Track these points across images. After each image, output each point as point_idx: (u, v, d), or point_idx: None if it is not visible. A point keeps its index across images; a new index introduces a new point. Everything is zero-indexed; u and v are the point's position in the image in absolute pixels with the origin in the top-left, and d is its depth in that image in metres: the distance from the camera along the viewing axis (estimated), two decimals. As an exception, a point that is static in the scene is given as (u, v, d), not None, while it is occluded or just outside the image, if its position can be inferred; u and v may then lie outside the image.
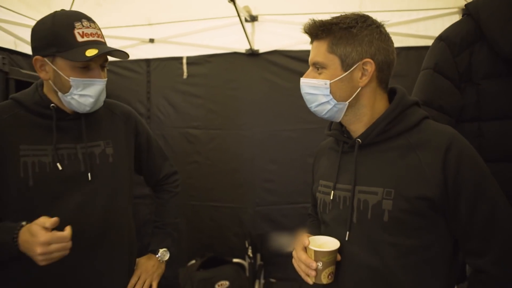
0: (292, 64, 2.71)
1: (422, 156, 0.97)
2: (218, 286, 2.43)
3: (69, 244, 1.02)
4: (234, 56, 2.80)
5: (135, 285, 1.36)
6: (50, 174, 1.17)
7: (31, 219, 1.08)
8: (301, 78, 1.08)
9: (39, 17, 1.15)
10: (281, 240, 2.58)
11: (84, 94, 1.16)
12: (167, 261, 1.47)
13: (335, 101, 1.03)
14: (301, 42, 2.65)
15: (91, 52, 1.10)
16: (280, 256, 2.66)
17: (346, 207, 1.05)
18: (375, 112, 1.07)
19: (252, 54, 2.74)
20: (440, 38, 1.47)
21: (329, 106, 1.04)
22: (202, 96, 2.89)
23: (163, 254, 1.45)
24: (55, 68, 1.14)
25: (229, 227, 2.87)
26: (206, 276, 2.47)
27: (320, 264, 1.01)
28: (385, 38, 1.04)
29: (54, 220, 1.01)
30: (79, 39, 1.12)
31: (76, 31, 1.12)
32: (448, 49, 1.42)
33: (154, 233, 1.51)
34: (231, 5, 2.14)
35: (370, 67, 1.01)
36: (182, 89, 2.91)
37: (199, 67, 2.87)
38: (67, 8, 2.54)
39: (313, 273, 1.02)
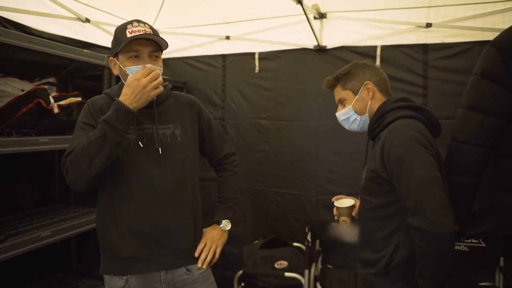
0: (358, 59, 2.73)
1: (378, 144, 1.41)
2: (278, 265, 2.65)
3: (160, 78, 1.34)
4: (302, 52, 2.94)
5: (202, 250, 1.59)
6: (133, 148, 1.48)
7: (120, 180, 1.47)
8: (336, 113, 1.66)
9: (134, 19, 1.47)
10: (341, 230, 2.69)
11: None
12: (234, 239, 1.71)
13: (359, 116, 1.59)
14: (369, 37, 2.70)
15: (129, 38, 1.36)
16: (339, 244, 2.79)
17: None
18: None
19: (320, 50, 2.85)
20: (492, 44, 1.52)
21: (357, 121, 1.60)
22: (272, 89, 3.08)
23: (225, 224, 1.69)
24: (119, 63, 1.44)
25: (292, 213, 3.05)
26: (267, 254, 2.69)
27: (338, 214, 1.72)
28: (371, 67, 1.60)
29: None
30: (128, 35, 1.39)
31: (127, 31, 1.40)
32: (499, 55, 1.46)
33: (218, 207, 1.74)
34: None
35: (370, 85, 1.55)
36: (254, 82, 3.13)
37: (270, 62, 3.06)
38: (157, 11, 2.91)
39: (336, 217, 1.73)
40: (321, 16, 2.76)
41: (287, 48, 2.99)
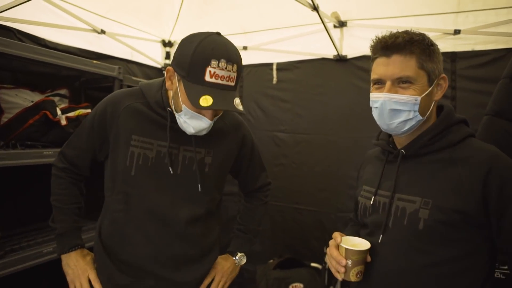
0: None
1: (463, 171, 1.00)
2: (292, 287, 2.49)
3: None
4: (322, 62, 2.82)
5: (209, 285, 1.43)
6: (150, 169, 1.28)
7: (129, 204, 1.29)
8: (383, 94, 1.05)
9: (150, 30, 1.24)
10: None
11: (188, 123, 1.21)
12: (251, 256, 1.55)
13: (420, 116, 1.05)
14: (392, 46, 2.54)
15: (204, 102, 1.10)
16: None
17: (384, 212, 1.10)
18: (424, 126, 1.10)
19: (340, 59, 2.72)
20: None
21: (412, 122, 1.06)
22: (290, 101, 2.97)
23: (241, 258, 1.52)
24: (178, 87, 1.18)
25: (311, 230, 2.90)
26: (281, 275, 2.53)
27: (349, 262, 1.08)
28: None
29: None
30: (207, 78, 1.10)
31: (208, 69, 1.10)
32: None
33: (236, 236, 1.57)
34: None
35: (444, 82, 1.08)
36: (271, 93, 3.03)
37: (288, 72, 2.96)
38: (173, 22, 2.86)
39: (342, 269, 1.08)
40: (341, 24, 2.64)
41: (306, 58, 2.88)
